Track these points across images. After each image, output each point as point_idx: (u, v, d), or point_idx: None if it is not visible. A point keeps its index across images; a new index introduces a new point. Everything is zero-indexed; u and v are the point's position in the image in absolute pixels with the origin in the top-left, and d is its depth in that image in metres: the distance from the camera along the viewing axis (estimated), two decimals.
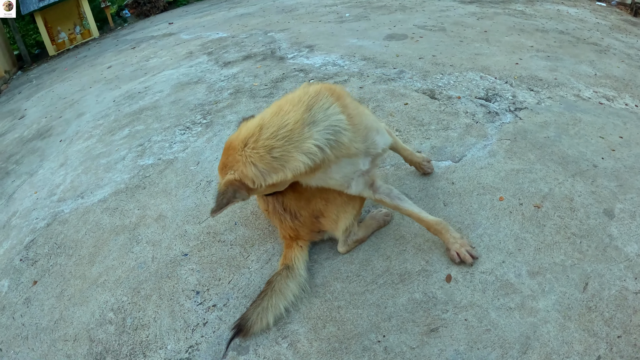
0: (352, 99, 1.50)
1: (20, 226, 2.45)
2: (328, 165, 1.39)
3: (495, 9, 5.21)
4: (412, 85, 3.09)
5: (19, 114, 4.94)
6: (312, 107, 1.34)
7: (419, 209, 1.71)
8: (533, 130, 2.40)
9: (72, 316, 1.83)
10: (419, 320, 1.51)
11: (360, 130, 1.43)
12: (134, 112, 3.71)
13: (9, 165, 3.46)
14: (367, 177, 1.61)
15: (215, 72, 4.21)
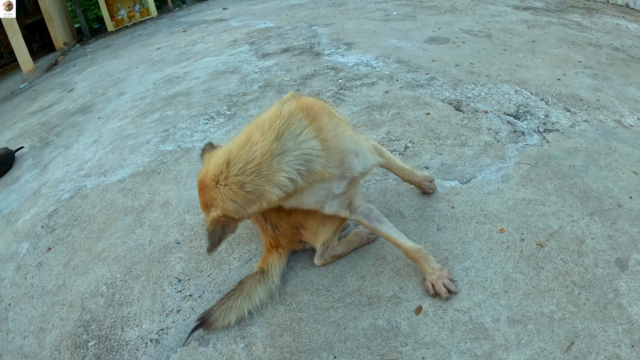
0: (330, 118, 1.45)
1: (48, 195, 2.79)
2: (302, 191, 1.39)
3: (549, 18, 4.79)
4: (440, 94, 2.95)
5: (69, 87, 5.53)
6: (282, 135, 1.31)
7: (399, 233, 1.66)
8: (558, 157, 2.19)
9: (72, 284, 2.07)
10: (374, 349, 1.49)
11: (335, 154, 1.40)
12: (169, 96, 3.98)
13: (50, 136, 3.92)
14: (343, 199, 1.59)
15: (252, 63, 4.35)
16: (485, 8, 5.21)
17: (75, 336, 1.80)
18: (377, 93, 3.11)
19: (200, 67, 4.65)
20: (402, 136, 2.56)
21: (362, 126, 2.73)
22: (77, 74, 6.29)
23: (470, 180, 2.11)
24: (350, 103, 3.05)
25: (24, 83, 7.00)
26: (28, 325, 1.91)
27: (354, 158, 1.45)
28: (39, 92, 6.11)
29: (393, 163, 1.86)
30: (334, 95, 3.20)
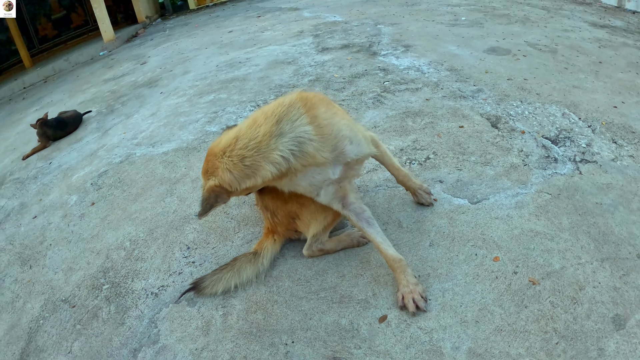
0: (328, 108, 1.58)
1: (102, 157, 3.28)
2: (295, 173, 1.52)
3: (625, 39, 4.23)
4: (481, 107, 2.83)
5: (143, 60, 6.23)
6: (282, 120, 1.48)
7: (384, 239, 1.71)
8: (587, 191, 2.00)
9: (103, 236, 2.45)
10: (329, 344, 1.57)
11: (329, 139, 1.52)
12: (226, 80, 4.33)
13: (116, 104, 4.52)
14: (338, 188, 1.68)
15: (310, 56, 4.52)
16: (559, 22, 4.77)
17: (95, 279, 2.16)
18: (418, 100, 3.07)
19: (263, 55, 4.95)
20: (427, 146, 2.53)
21: (391, 131, 2.74)
22: (152, 48, 7.07)
23: (481, 202, 2.04)
24: (387, 107, 3.06)
25: (103, 51, 7.92)
26: (60, 264, 2.33)
27: (348, 144, 1.55)
28: (115, 61, 6.99)
29: (388, 160, 1.89)
30: (375, 97, 3.24)
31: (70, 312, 2.03)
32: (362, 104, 3.18)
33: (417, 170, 2.35)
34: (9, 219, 2.88)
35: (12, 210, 2.99)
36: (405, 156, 2.48)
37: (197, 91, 4.24)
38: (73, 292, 2.13)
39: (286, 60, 4.55)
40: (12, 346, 1.94)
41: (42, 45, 9.38)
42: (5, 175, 3.68)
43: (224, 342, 1.69)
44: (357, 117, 3.02)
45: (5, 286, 2.28)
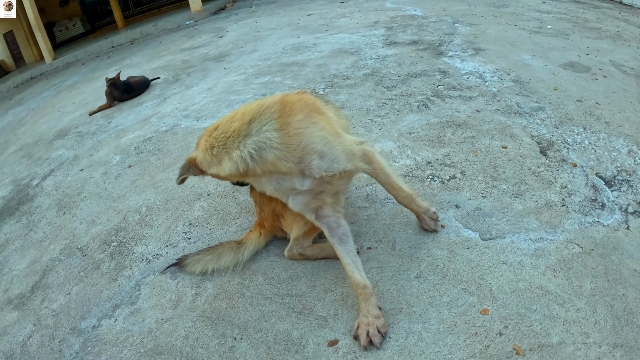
0: (306, 117, 1.49)
1: (153, 124, 3.57)
2: (256, 175, 1.51)
3: None
4: (535, 128, 2.44)
5: (220, 34, 6.55)
6: (253, 121, 1.47)
7: (354, 261, 1.59)
8: (629, 253, 1.61)
9: (128, 198, 2.70)
10: (272, 351, 1.54)
11: (295, 150, 1.45)
12: (286, 63, 4.38)
13: (182, 74, 4.86)
14: (310, 199, 1.61)
15: (374, 49, 4.36)
16: None
17: (108, 235, 2.40)
18: (467, 110, 2.76)
19: (330, 42, 4.90)
20: (458, 163, 2.27)
21: (425, 141, 2.52)
22: (234, 23, 7.43)
23: (494, 239, 1.77)
24: (432, 113, 2.81)
25: (190, 20, 8.50)
26: (87, 216, 2.62)
27: (316, 158, 1.46)
28: (197, 31, 7.48)
29: (384, 178, 1.68)
30: (422, 101, 3.00)
31: (80, 259, 2.29)
32: (406, 106, 2.97)
33: (436, 189, 2.13)
34: (61, 168, 3.34)
35: (66, 160, 3.46)
36: (430, 171, 2.26)
37: (256, 71, 4.38)
38: (88, 243, 2.39)
39: (350, 50, 4.45)
40: (28, 278, 2.26)
41: (136, 8, 10.46)
42: (71, 127, 4.27)
43: (185, 320, 1.77)
44: (396, 119, 2.83)
45: (40, 226, 2.67)
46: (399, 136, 2.64)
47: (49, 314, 1.99)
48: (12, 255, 2.48)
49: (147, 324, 1.81)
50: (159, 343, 1.71)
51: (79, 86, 6.34)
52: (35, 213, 2.82)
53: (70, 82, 7.20)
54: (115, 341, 1.77)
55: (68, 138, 4.02)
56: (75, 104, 5.18)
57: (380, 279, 1.72)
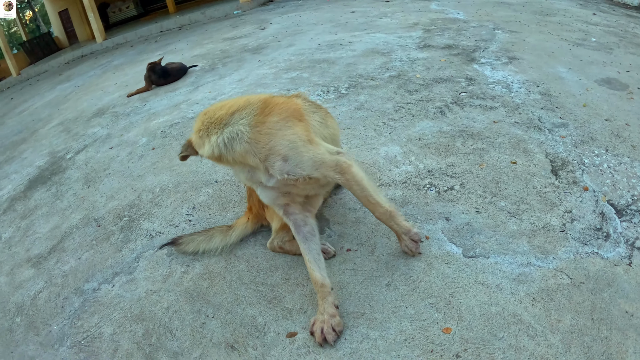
0: (283, 120, 1.56)
1: (182, 110, 3.79)
2: (229, 162, 1.61)
3: None
4: (552, 146, 2.31)
5: (263, 26, 6.71)
6: (235, 113, 1.57)
7: (315, 259, 1.64)
8: (624, 292, 1.50)
9: (145, 178, 2.91)
10: (236, 333, 1.65)
11: (261, 148, 1.53)
12: (317, 60, 4.44)
13: (218, 63, 5.07)
14: (277, 195, 1.69)
15: (407, 51, 4.29)
16: None
17: (122, 210, 2.61)
18: (484, 120, 2.66)
19: (365, 41, 4.89)
20: (460, 175, 2.21)
21: (432, 149, 2.48)
22: (278, 15, 7.58)
23: (477, 258, 1.73)
24: (447, 121, 2.75)
25: (237, 10, 8.74)
26: (108, 191, 2.87)
27: (279, 160, 1.53)
28: (242, 22, 7.71)
29: (358, 191, 1.63)
30: (440, 107, 2.93)
31: (95, 229, 2.52)
32: (422, 112, 2.92)
33: (430, 199, 2.09)
34: (94, 144, 3.65)
35: (100, 137, 3.78)
36: (429, 179, 2.23)
37: (287, 66, 4.48)
38: (104, 215, 2.62)
39: (382, 51, 4.41)
40: (48, 241, 2.54)
41: None
42: (109, 107, 4.63)
43: (170, 294, 1.92)
44: (409, 124, 2.80)
45: (66, 196, 2.96)
46: (407, 141, 2.61)
47: (60, 274, 2.22)
48: (38, 219, 2.78)
49: (137, 293, 1.97)
50: (144, 311, 1.87)
51: (124, 68, 6.80)
52: (64, 184, 3.13)
53: (116, 63, 7.76)
54: (109, 304, 1.96)
55: (105, 117, 4.38)
56: (117, 85, 5.59)
57: (351, 281, 1.75)
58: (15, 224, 2.82)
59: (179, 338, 1.71)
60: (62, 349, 1.81)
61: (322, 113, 1.88)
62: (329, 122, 1.89)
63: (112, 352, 1.74)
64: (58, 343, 1.84)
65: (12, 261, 2.44)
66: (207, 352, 1.62)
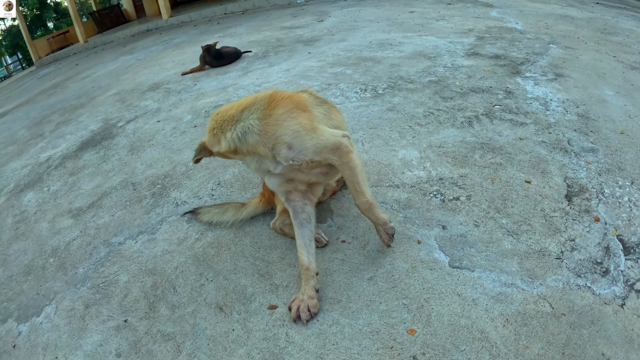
0: (288, 112, 1.73)
1: (228, 93, 4.07)
2: (244, 154, 1.80)
3: None
4: (573, 170, 2.23)
5: (322, 18, 6.85)
6: (245, 110, 1.76)
7: (306, 244, 1.79)
8: (607, 333, 1.46)
9: (183, 152, 3.21)
10: (227, 297, 1.85)
11: (269, 138, 1.71)
12: (363, 58, 4.51)
13: (271, 51, 5.31)
14: (282, 181, 1.85)
15: (453, 57, 4.23)
16: None
17: (157, 178, 2.92)
18: (510, 135, 2.61)
19: (415, 43, 4.87)
20: (469, 187, 2.22)
21: (448, 158, 2.49)
22: (338, 9, 7.69)
23: (462, 269, 1.76)
24: (472, 132, 2.73)
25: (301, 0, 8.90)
26: (148, 160, 3.20)
27: (284, 148, 1.69)
28: (303, 12, 7.90)
29: (349, 175, 1.76)
30: (469, 118, 2.91)
31: (130, 192, 2.84)
32: (450, 119, 2.92)
33: (432, 206, 2.14)
34: (144, 116, 4.04)
35: (150, 110, 4.16)
36: (437, 187, 2.26)
37: (334, 60, 4.59)
38: (140, 181, 2.94)
39: (429, 55, 4.38)
40: (89, 197, 2.91)
41: None
42: (163, 82, 5.03)
43: (181, 255, 2.17)
44: (434, 130, 2.81)
45: (112, 160, 3.34)
46: (427, 147, 2.64)
47: (93, 227, 2.56)
48: (84, 177, 3.19)
49: (154, 251, 2.24)
50: (156, 267, 2.13)
51: (184, 46, 7.27)
52: (112, 149, 3.53)
53: (177, 41, 8.31)
54: (129, 257, 2.25)
55: (158, 92, 4.79)
56: (175, 62, 6.03)
57: (337, 269, 1.87)
58: (64, 179, 3.25)
59: (179, 294, 1.94)
60: (83, 288, 2.12)
61: (327, 107, 2.02)
62: (332, 115, 2.01)
63: (122, 296, 2.02)
64: (80, 283, 2.15)
65: (55, 211, 2.85)
66: (199, 309, 1.84)
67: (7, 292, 2.27)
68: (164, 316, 1.87)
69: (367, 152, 2.71)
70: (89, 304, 2.04)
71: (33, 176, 3.47)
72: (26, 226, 2.77)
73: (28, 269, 2.38)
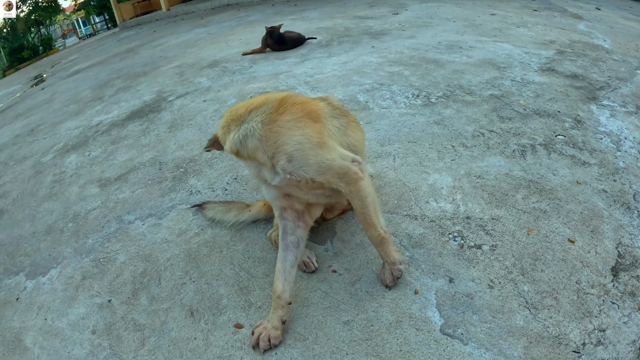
0: (294, 119, 1.54)
1: (278, 80, 3.99)
2: (244, 158, 1.66)
3: None
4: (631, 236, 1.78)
5: (397, 11, 6.43)
6: (252, 111, 1.61)
7: (285, 269, 1.64)
8: None
9: None
10: (201, 304, 1.80)
11: (270, 145, 1.54)
12: (426, 60, 4.11)
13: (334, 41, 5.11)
14: (279, 196, 1.70)
15: (525, 71, 3.67)
16: None
17: (182, 161, 2.94)
18: (566, 176, 2.15)
19: (488, 49, 4.30)
20: (498, 235, 1.87)
21: (484, 193, 2.12)
22: (418, 3, 7.19)
23: (453, 339, 1.47)
24: (521, 164, 2.31)
25: None
26: (181, 140, 3.25)
27: (284, 159, 1.52)
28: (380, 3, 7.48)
29: (359, 207, 1.59)
30: (523, 146, 2.47)
31: (155, 171, 2.89)
32: (501, 145, 2.50)
33: (447, 250, 1.83)
34: (194, 93, 4.09)
35: (201, 88, 4.21)
36: (460, 227, 1.93)
37: (395, 58, 4.24)
38: (168, 161, 2.98)
39: (498, 64, 3.83)
40: (119, 170, 3.03)
41: None
42: (223, 60, 5.06)
43: (176, 247, 2.16)
44: (478, 156, 2.43)
45: (150, 135, 3.43)
46: (464, 175, 2.28)
47: (113, 200, 2.65)
48: (121, 148, 3.32)
49: (155, 237, 2.25)
50: (152, 254, 2.14)
51: (255, 25, 7.27)
52: (154, 123, 3.63)
53: (251, 19, 8.33)
54: (132, 238, 2.28)
55: (215, 70, 4.82)
56: (241, 41, 6.02)
57: (316, 302, 1.69)
58: (105, 146, 3.42)
59: (162, 287, 1.92)
60: (86, 260, 2.19)
61: (345, 121, 1.79)
62: (349, 131, 1.78)
63: (114, 276, 2.05)
64: (85, 254, 2.23)
65: (88, 177, 3.00)
66: (173, 308, 1.81)
67: (27, 247, 2.44)
68: (142, 306, 1.86)
69: (396, 169, 2.43)
70: (86, 275, 2.10)
71: (81, 138, 3.72)
72: (60, 187, 2.96)
73: (49, 229, 2.54)
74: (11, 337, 1.89)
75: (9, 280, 2.24)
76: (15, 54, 20.11)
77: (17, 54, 20.02)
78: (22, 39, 20.67)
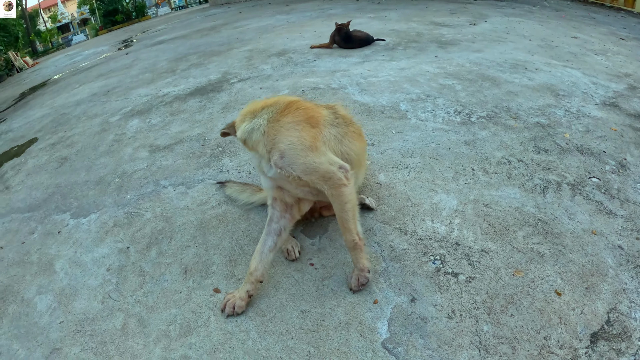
0: (295, 122, 1.69)
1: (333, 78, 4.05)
2: (249, 148, 1.82)
3: None
4: (631, 302, 1.55)
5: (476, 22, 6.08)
6: (264, 108, 1.78)
7: (262, 251, 1.79)
8: None
9: None
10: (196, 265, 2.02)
11: (270, 141, 1.70)
12: (484, 76, 3.87)
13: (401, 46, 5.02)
14: (273, 187, 1.85)
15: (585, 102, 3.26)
16: None
17: (223, 141, 3.17)
18: (583, 224, 1.94)
19: (552, 73, 3.87)
20: (480, 268, 1.78)
21: (486, 224, 2.02)
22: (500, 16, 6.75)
23: (389, 355, 1.48)
24: (537, 202, 2.12)
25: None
26: (228, 122, 3.42)
27: (277, 155, 1.67)
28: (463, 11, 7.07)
29: (339, 211, 1.68)
30: (548, 183, 2.26)
31: (199, 146, 3.17)
32: (522, 177, 2.32)
33: (421, 271, 1.79)
34: (255, 79, 4.32)
35: (262, 75, 4.42)
36: (443, 251, 1.88)
37: (453, 71, 4.04)
38: (211, 139, 3.25)
39: (558, 91, 3.46)
40: (169, 139, 3.37)
41: None
42: (290, 51, 5.19)
43: (193, 215, 2.41)
44: (494, 184, 2.29)
45: (205, 113, 3.74)
46: (471, 201, 2.18)
47: (157, 165, 2.99)
48: (177, 121, 3.67)
49: (180, 204, 2.52)
50: (173, 216, 2.42)
51: (333, 19, 7.24)
52: (212, 102, 3.93)
53: (332, 12, 8.36)
54: (162, 200, 2.59)
55: (280, 59, 5.00)
56: (315, 33, 6.11)
57: (285, 287, 1.82)
58: (164, 117, 3.81)
59: (171, 245, 2.19)
60: (120, 211, 2.53)
61: (345, 130, 1.86)
62: (346, 140, 1.85)
63: (138, 229, 2.37)
64: (121, 207, 2.58)
65: (142, 141, 3.39)
66: (173, 264, 2.07)
67: (77, 192, 2.89)
68: (151, 257, 2.14)
69: (406, 183, 2.39)
70: (116, 224, 2.45)
71: (147, 106, 4.17)
72: (118, 146, 3.41)
73: (100, 180, 2.97)
74: (46, 261, 2.30)
75: (57, 216, 2.69)
76: (109, 16, 21.60)
77: (111, 16, 21.48)
78: (117, 3, 21.85)
